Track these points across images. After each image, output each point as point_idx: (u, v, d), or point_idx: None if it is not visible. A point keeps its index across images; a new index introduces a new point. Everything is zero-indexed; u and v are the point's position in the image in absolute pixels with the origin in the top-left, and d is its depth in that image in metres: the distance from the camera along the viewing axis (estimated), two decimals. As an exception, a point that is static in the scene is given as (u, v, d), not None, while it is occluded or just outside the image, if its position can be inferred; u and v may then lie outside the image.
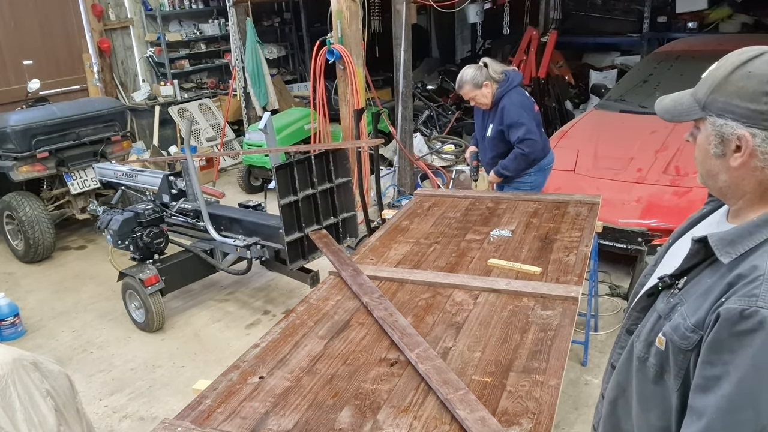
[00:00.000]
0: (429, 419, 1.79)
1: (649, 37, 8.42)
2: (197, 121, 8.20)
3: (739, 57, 1.12)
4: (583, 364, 3.62)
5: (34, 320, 4.61)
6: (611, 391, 1.37)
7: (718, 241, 1.12)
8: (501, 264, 2.78)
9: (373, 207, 5.78)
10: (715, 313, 1.06)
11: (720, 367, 1.03)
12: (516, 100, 3.74)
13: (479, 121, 4.00)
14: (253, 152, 6.72)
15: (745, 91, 1.08)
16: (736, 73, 1.10)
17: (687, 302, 1.15)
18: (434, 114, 8.52)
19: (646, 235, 4.18)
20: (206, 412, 1.88)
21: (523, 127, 3.72)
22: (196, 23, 9.13)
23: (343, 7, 5.49)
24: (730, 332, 1.02)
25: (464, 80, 3.76)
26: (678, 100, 1.21)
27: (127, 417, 3.47)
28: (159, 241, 4.33)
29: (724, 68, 1.13)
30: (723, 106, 1.11)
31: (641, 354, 1.24)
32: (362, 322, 2.37)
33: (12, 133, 5.29)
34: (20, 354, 2.44)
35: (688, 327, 1.11)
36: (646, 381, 1.23)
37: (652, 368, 1.21)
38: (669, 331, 1.15)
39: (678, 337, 1.12)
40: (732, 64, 1.11)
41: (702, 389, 1.07)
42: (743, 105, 1.08)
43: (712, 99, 1.13)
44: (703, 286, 1.13)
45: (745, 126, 1.09)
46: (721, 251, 1.11)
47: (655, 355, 1.20)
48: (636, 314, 1.32)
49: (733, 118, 1.10)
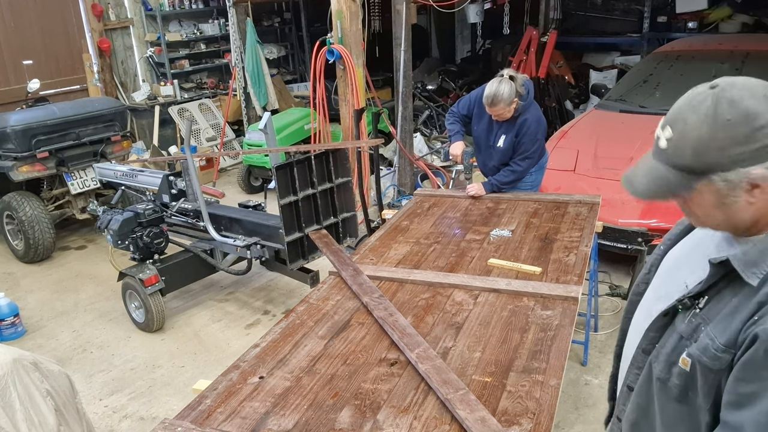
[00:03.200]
0: (429, 419, 1.79)
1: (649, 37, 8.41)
2: (197, 121, 8.20)
3: (704, 111, 1.08)
4: (583, 364, 3.62)
5: (34, 320, 4.61)
6: (632, 414, 1.35)
7: (743, 264, 1.11)
8: (501, 264, 2.79)
9: (373, 207, 5.78)
10: (752, 334, 1.06)
11: (757, 384, 1.04)
12: (536, 116, 3.67)
13: (483, 129, 3.86)
14: (253, 152, 6.72)
15: (738, 137, 1.06)
16: (714, 127, 1.07)
17: (712, 322, 1.14)
18: (434, 114, 8.52)
19: (646, 235, 4.18)
20: (206, 412, 1.88)
21: (536, 144, 3.70)
22: (196, 23, 9.13)
23: (343, 7, 5.49)
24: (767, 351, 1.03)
25: (500, 98, 3.50)
26: (656, 176, 1.16)
27: (127, 417, 3.47)
28: (159, 241, 4.33)
29: (697, 127, 1.08)
30: (728, 162, 1.08)
31: (662, 375, 1.22)
32: (362, 322, 2.37)
33: (12, 133, 5.29)
34: (20, 354, 2.44)
35: (719, 348, 1.10)
36: (669, 400, 1.22)
37: (675, 389, 1.20)
38: (696, 353, 1.14)
39: (708, 358, 1.12)
40: (704, 119, 1.08)
41: (736, 405, 1.07)
42: (745, 149, 1.06)
43: (714, 160, 1.09)
44: (728, 305, 1.13)
45: (757, 165, 1.07)
46: (747, 273, 1.10)
47: (678, 376, 1.19)
48: (652, 334, 1.30)
49: (742, 166, 1.08)
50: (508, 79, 3.51)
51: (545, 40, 8.29)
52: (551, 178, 4.61)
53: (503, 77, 3.52)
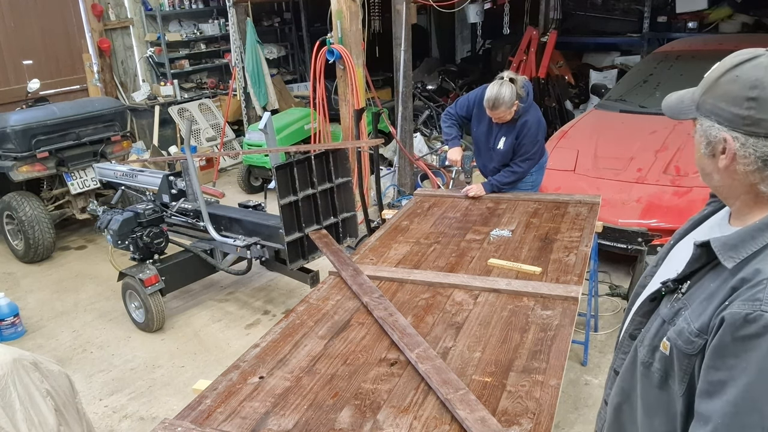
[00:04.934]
0: (429, 419, 1.79)
1: (649, 37, 8.41)
2: (197, 121, 8.20)
3: (732, 60, 1.12)
4: (583, 364, 3.62)
5: (34, 320, 4.61)
6: (615, 397, 1.36)
7: (721, 246, 1.12)
8: (501, 264, 2.79)
9: (373, 207, 5.78)
10: (719, 318, 1.05)
11: (725, 372, 1.03)
12: (536, 118, 3.67)
13: (483, 131, 3.84)
14: (253, 152, 6.72)
15: (730, 95, 1.09)
16: (726, 76, 1.10)
17: (691, 306, 1.15)
18: (434, 114, 8.52)
19: (646, 235, 4.17)
20: (206, 412, 1.88)
21: (536, 145, 3.70)
22: (196, 23, 9.13)
23: (343, 7, 5.49)
24: (734, 336, 1.02)
25: (502, 102, 3.46)
26: (681, 97, 1.22)
27: (127, 417, 3.47)
28: (159, 241, 4.33)
29: (717, 70, 1.13)
30: (711, 108, 1.12)
31: (645, 359, 1.23)
32: (362, 322, 2.37)
33: (12, 133, 5.29)
34: (20, 354, 2.44)
35: (693, 332, 1.11)
36: (650, 386, 1.23)
37: (656, 373, 1.20)
38: (673, 336, 1.15)
39: (682, 341, 1.12)
40: (724, 67, 1.12)
41: (707, 394, 1.06)
42: (727, 108, 1.09)
43: (703, 100, 1.14)
44: (707, 290, 1.13)
45: (728, 129, 1.10)
46: (725, 256, 1.11)
47: (659, 360, 1.19)
48: (639, 319, 1.31)
49: (718, 121, 1.11)
50: (508, 81, 3.49)
51: (545, 40, 8.29)
52: (551, 178, 4.62)
53: (503, 80, 3.50)
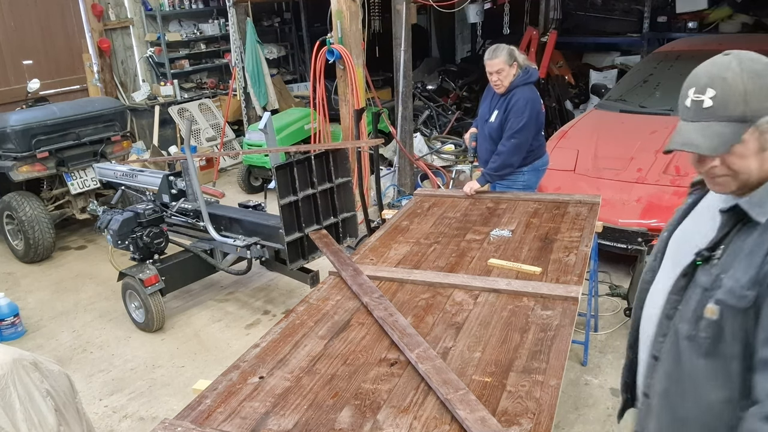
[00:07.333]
0: (429, 419, 1.79)
1: (649, 37, 8.42)
2: (197, 121, 8.20)
3: (735, 66, 1.21)
4: (583, 364, 3.62)
5: (34, 320, 4.61)
6: (660, 383, 1.38)
7: (750, 206, 1.23)
8: (501, 264, 2.78)
9: (373, 207, 5.78)
10: None
11: None
12: (528, 95, 3.73)
13: (485, 106, 3.94)
14: (253, 152, 6.71)
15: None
16: (753, 76, 1.19)
17: (732, 267, 1.22)
18: (434, 114, 8.51)
19: (646, 235, 4.18)
20: (206, 412, 1.88)
21: (522, 121, 3.70)
22: (196, 23, 9.13)
23: (343, 7, 5.49)
24: None
25: (501, 50, 3.68)
26: (712, 132, 1.23)
27: (127, 417, 3.47)
28: (159, 241, 4.33)
29: (739, 80, 1.19)
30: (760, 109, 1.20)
31: (690, 332, 1.28)
32: (362, 322, 2.37)
33: (12, 133, 5.29)
34: (20, 354, 2.44)
35: (744, 285, 1.19)
36: (698, 358, 1.27)
37: (703, 342, 1.25)
38: (722, 297, 1.22)
39: (735, 298, 1.19)
40: (741, 73, 1.20)
41: None
42: None
43: (756, 108, 1.20)
44: (744, 248, 1.22)
45: None
46: (756, 212, 1.22)
47: (705, 329, 1.25)
48: (674, 297, 1.35)
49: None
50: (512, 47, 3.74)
51: (545, 40, 8.30)
52: (551, 178, 4.61)
53: None
